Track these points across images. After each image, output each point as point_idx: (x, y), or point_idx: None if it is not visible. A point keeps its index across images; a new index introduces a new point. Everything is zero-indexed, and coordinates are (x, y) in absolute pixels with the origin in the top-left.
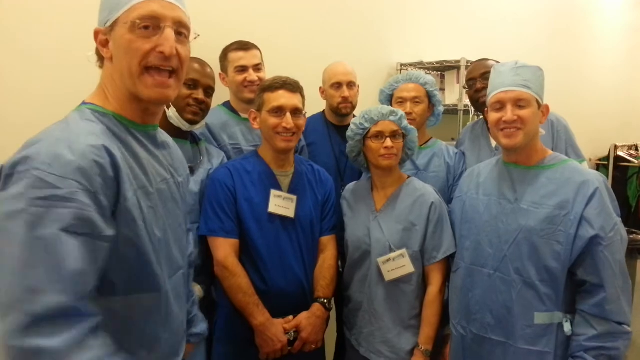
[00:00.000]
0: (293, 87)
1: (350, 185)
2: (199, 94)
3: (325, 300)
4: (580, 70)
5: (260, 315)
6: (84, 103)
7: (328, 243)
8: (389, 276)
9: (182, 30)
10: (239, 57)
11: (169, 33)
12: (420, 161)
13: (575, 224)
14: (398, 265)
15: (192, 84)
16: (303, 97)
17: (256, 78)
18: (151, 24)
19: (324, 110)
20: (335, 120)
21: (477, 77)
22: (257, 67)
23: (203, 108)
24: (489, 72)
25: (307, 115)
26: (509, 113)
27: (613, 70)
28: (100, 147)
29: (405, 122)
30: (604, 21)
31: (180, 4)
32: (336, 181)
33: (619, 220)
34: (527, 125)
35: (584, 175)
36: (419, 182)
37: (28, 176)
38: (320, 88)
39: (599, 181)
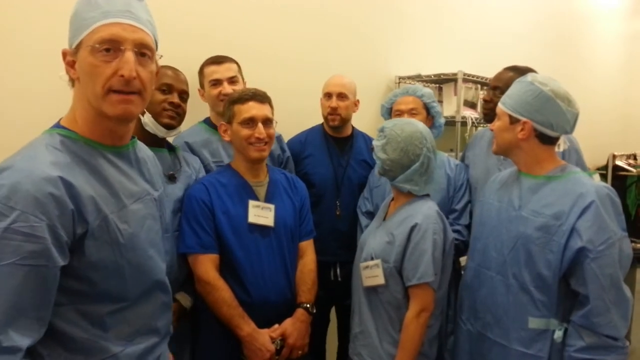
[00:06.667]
0: (262, 97)
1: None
2: (174, 98)
3: (308, 305)
4: (577, 80)
5: (246, 325)
6: (58, 125)
7: (307, 248)
8: (365, 282)
9: (144, 51)
10: (213, 71)
11: (129, 56)
12: None
13: (566, 234)
14: (373, 274)
15: (167, 89)
16: (272, 107)
17: (230, 91)
18: (112, 47)
19: (323, 123)
20: (333, 132)
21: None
22: (232, 80)
23: (179, 112)
24: (494, 85)
25: (307, 128)
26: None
27: (611, 79)
28: (57, 179)
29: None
30: (602, 30)
31: (143, 24)
32: (333, 193)
33: (622, 235)
34: (496, 137)
35: (584, 188)
36: (424, 203)
37: None
38: (321, 99)
39: (599, 194)
